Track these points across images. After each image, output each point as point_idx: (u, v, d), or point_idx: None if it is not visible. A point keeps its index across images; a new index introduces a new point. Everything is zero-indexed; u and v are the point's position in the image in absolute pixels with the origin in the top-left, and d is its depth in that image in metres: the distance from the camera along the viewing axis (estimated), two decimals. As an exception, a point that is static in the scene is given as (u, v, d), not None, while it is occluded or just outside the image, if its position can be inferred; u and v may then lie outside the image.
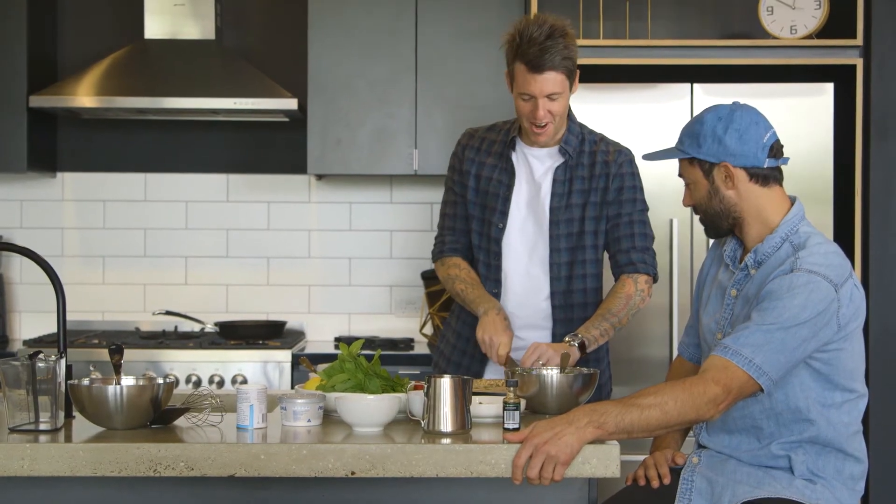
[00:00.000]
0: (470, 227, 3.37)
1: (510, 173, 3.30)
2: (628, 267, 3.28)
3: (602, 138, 3.34)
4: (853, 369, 2.62)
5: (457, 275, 3.33)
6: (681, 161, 2.76)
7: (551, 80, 3.11)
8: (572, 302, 3.28)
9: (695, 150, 2.68)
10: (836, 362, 2.58)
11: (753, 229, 2.68)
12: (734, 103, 2.70)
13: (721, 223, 2.72)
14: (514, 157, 3.31)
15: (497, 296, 3.29)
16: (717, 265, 2.83)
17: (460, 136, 3.44)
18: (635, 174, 3.31)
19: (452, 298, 3.44)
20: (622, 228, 3.28)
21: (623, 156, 3.31)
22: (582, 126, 3.33)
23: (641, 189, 3.33)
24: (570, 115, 3.29)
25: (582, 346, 3.11)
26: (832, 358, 2.57)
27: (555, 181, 3.26)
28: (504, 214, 3.28)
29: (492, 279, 3.31)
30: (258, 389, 2.56)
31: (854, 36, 4.40)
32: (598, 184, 3.26)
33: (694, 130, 2.70)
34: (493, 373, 3.32)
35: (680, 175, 2.77)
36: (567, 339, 3.12)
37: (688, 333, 2.97)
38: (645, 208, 3.33)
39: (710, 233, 2.79)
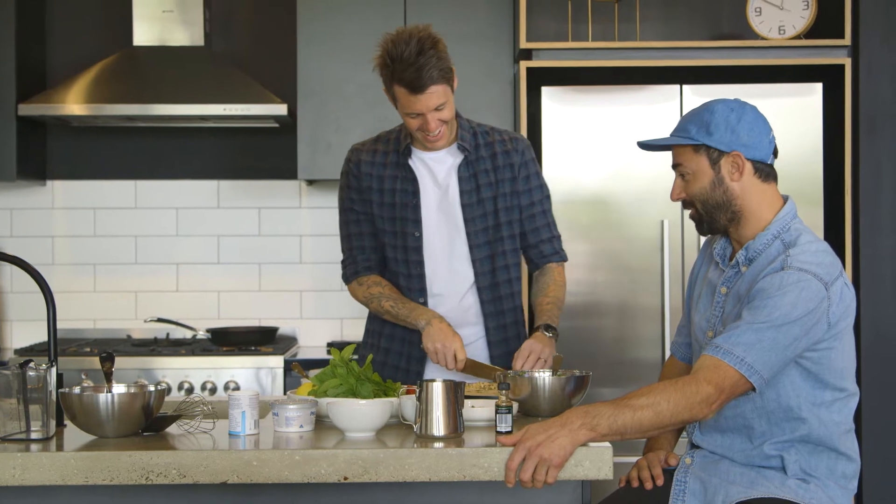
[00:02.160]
0: (379, 243, 3.32)
1: (412, 181, 3.26)
2: (554, 256, 3.36)
3: (492, 128, 3.34)
4: (843, 368, 2.62)
5: (381, 293, 3.28)
6: (680, 150, 2.71)
7: (434, 93, 3.07)
8: (500, 294, 3.29)
9: (704, 137, 2.65)
10: (826, 361, 2.58)
11: (749, 225, 2.67)
12: (737, 99, 2.71)
13: (719, 217, 2.69)
14: (412, 163, 3.27)
15: (423, 304, 3.27)
16: (707, 264, 2.83)
17: (348, 154, 3.36)
18: (535, 159, 3.35)
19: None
20: (538, 219, 3.32)
21: (522, 143, 3.33)
22: (469, 120, 3.32)
23: (541, 174, 3.37)
24: (456, 113, 3.26)
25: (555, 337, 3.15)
26: (822, 357, 2.57)
27: (460, 179, 3.25)
28: (417, 223, 3.25)
29: (416, 289, 3.28)
30: (250, 396, 2.56)
31: (842, 36, 4.41)
32: (504, 174, 3.27)
33: (703, 119, 2.67)
34: (435, 371, 3.28)
35: (675, 165, 2.74)
36: (548, 333, 3.12)
37: (680, 333, 2.97)
38: (548, 191, 3.38)
39: (703, 228, 2.75)
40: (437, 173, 3.27)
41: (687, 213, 2.79)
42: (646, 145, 2.83)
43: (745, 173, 2.65)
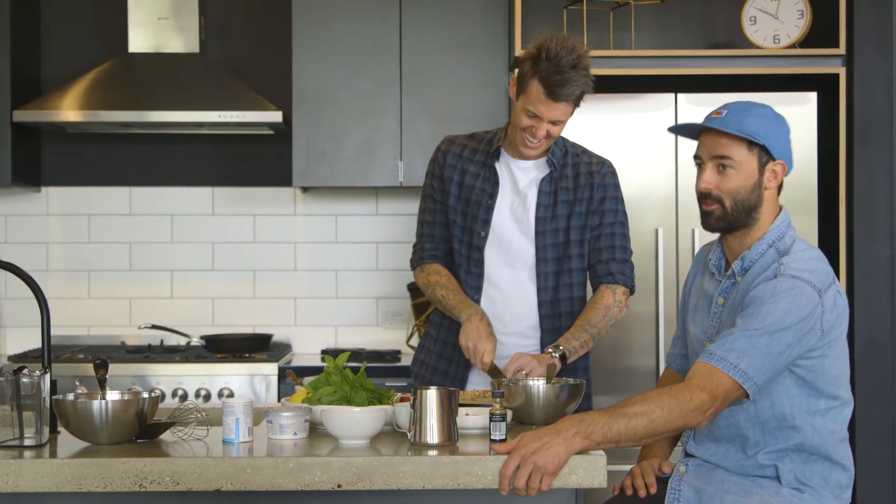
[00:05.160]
0: (450, 234, 3.38)
1: (494, 183, 3.31)
2: (607, 277, 3.30)
3: (584, 151, 3.38)
4: (837, 376, 2.62)
5: (437, 281, 3.34)
6: (731, 143, 2.63)
7: (562, 108, 3.13)
8: (559, 310, 3.29)
9: (763, 138, 2.62)
10: (819, 369, 2.58)
11: (751, 234, 2.67)
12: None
13: (742, 218, 2.65)
14: (497, 166, 3.32)
15: (477, 302, 3.30)
16: (703, 274, 2.83)
17: (440, 143, 3.45)
18: (617, 185, 3.35)
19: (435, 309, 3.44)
20: (603, 239, 3.31)
21: (606, 167, 3.35)
22: (564, 138, 3.36)
23: (623, 201, 3.36)
24: None
25: (563, 358, 3.12)
26: (816, 365, 2.58)
27: (540, 192, 3.28)
28: (486, 223, 3.29)
29: (472, 286, 3.32)
30: (244, 403, 2.56)
31: (837, 45, 4.42)
32: (582, 194, 3.29)
33: (760, 119, 2.64)
34: (478, 378, 3.32)
35: (717, 157, 2.63)
36: (549, 350, 3.13)
37: (675, 345, 2.97)
38: (625, 220, 3.36)
39: (717, 224, 2.66)
40: (519, 181, 3.31)
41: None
42: (697, 128, 2.69)
43: (776, 184, 2.66)
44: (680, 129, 2.78)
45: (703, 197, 2.68)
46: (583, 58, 3.10)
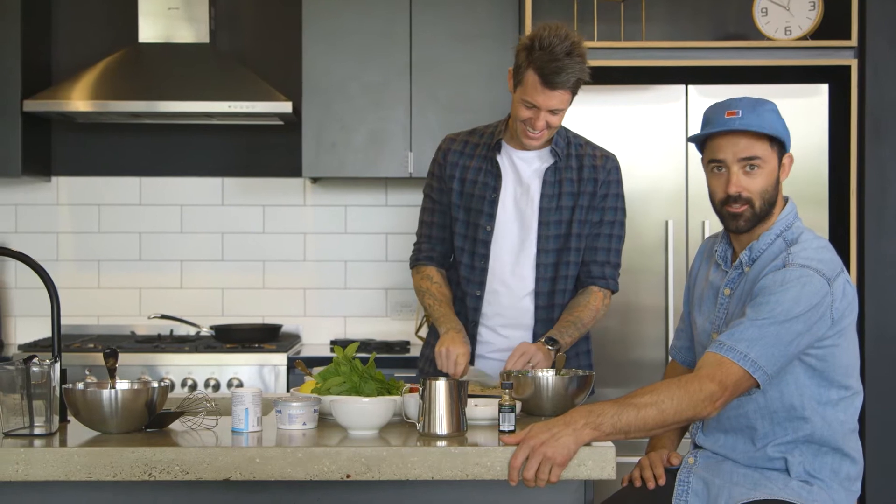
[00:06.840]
0: (447, 234, 3.37)
1: (496, 176, 3.30)
2: (600, 280, 3.31)
3: (587, 142, 3.36)
4: (848, 366, 2.62)
5: (427, 288, 3.35)
6: (758, 143, 2.62)
7: (559, 97, 3.11)
8: (555, 302, 3.29)
9: (782, 134, 2.62)
10: (830, 359, 2.58)
11: (762, 224, 2.66)
12: None
13: (766, 215, 2.64)
14: (499, 159, 3.31)
15: (480, 298, 3.30)
16: (707, 265, 2.82)
17: (441, 143, 3.43)
18: (620, 181, 3.34)
19: None
20: (601, 240, 3.31)
21: (611, 162, 3.33)
22: (566, 129, 3.34)
23: (623, 198, 3.36)
24: None
25: (557, 352, 3.12)
26: (827, 354, 2.57)
27: (545, 182, 3.27)
28: (491, 217, 3.28)
29: (475, 281, 3.31)
30: (253, 393, 2.56)
31: (848, 37, 4.41)
32: (586, 188, 3.28)
33: (772, 114, 2.62)
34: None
35: (744, 158, 2.61)
36: (545, 343, 3.11)
37: (678, 337, 2.96)
38: (624, 220, 3.36)
39: (747, 225, 2.64)
40: (522, 172, 3.30)
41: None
42: (735, 127, 2.61)
43: (786, 176, 2.66)
44: (700, 136, 2.69)
45: (732, 200, 2.63)
46: (577, 45, 3.08)
